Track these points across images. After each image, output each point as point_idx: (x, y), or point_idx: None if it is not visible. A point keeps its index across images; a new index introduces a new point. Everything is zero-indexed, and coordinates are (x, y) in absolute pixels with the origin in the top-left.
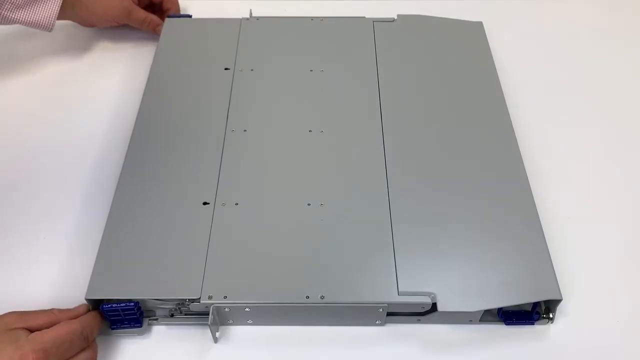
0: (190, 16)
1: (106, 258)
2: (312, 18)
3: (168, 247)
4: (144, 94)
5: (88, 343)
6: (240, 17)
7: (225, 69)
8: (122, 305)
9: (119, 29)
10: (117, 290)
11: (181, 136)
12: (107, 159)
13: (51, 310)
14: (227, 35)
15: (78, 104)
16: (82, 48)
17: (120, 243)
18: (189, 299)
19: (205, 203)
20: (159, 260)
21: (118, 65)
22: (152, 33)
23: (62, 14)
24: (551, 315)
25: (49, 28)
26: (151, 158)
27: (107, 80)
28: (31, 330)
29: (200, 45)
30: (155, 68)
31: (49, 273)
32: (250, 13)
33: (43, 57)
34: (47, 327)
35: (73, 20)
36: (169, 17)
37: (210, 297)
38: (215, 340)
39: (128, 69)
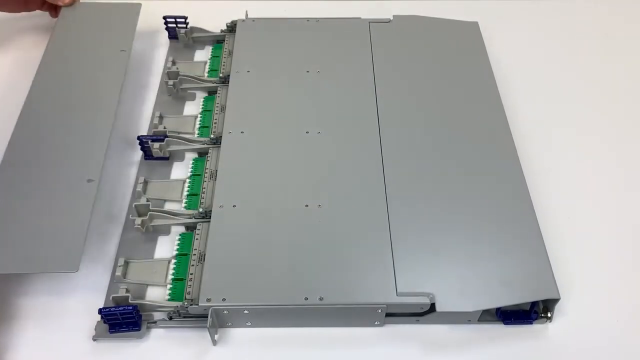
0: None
1: None
2: (307, 19)
3: (44, 222)
4: (37, 72)
5: None
6: (237, 18)
7: (121, 51)
8: (120, 308)
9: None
10: None
11: (69, 117)
12: None
13: None
14: (123, 20)
15: None
16: None
17: None
18: (186, 304)
19: (89, 180)
20: (33, 234)
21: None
22: (54, 11)
23: None
24: (549, 315)
25: None
26: (36, 137)
27: None
28: None
29: (96, 30)
30: (48, 53)
31: None
32: (246, 14)
33: None
34: None
35: None
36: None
37: (208, 300)
38: (214, 342)
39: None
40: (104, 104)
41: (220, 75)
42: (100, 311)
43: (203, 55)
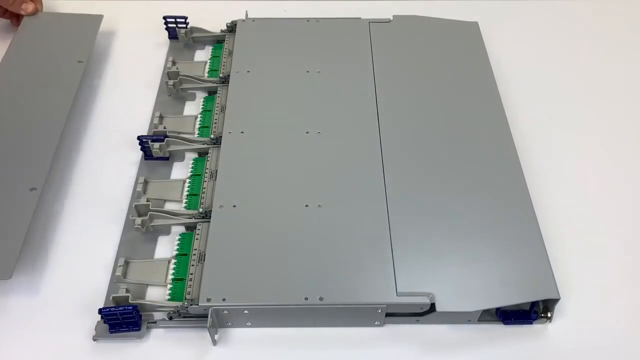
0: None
1: None
2: (307, 19)
3: None
4: None
5: None
6: (237, 18)
7: (79, 61)
8: (120, 308)
9: None
10: None
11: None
12: None
13: None
14: (84, 31)
15: None
16: None
17: None
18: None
19: (32, 189)
20: None
21: None
22: (15, 19)
23: None
24: (549, 315)
25: None
26: None
27: None
28: None
29: (56, 40)
30: (4, 62)
31: None
32: (246, 14)
33: None
34: None
35: None
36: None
37: (208, 300)
38: (214, 342)
39: None
40: (54, 114)
41: (220, 75)
42: (100, 311)
43: (203, 55)
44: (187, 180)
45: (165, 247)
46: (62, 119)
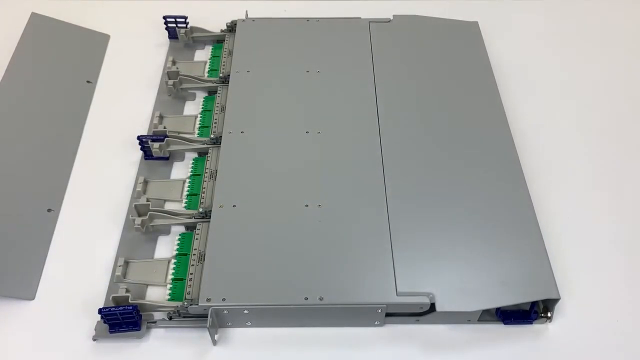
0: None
1: None
2: (307, 19)
3: (3, 249)
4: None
5: None
6: (237, 18)
7: (88, 82)
8: (120, 308)
9: None
10: None
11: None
12: None
13: None
14: (91, 48)
15: None
16: None
17: None
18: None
19: (49, 210)
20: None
21: None
22: None
23: None
24: (549, 315)
25: None
26: None
27: None
28: None
29: (61, 51)
30: (9, 73)
31: None
32: (246, 14)
33: None
34: None
35: None
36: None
37: (208, 300)
38: (214, 342)
39: None
40: (68, 135)
41: (220, 75)
42: (100, 311)
43: (203, 55)
44: (187, 180)
45: (165, 247)
46: (76, 140)
